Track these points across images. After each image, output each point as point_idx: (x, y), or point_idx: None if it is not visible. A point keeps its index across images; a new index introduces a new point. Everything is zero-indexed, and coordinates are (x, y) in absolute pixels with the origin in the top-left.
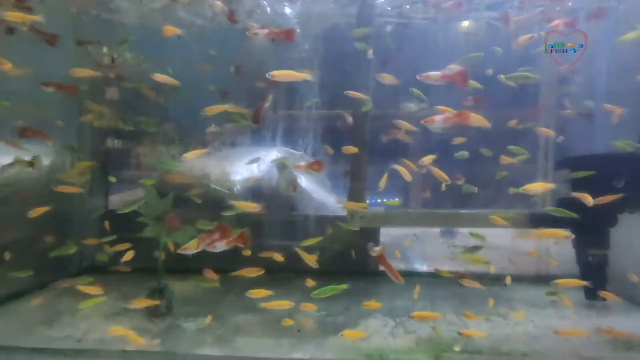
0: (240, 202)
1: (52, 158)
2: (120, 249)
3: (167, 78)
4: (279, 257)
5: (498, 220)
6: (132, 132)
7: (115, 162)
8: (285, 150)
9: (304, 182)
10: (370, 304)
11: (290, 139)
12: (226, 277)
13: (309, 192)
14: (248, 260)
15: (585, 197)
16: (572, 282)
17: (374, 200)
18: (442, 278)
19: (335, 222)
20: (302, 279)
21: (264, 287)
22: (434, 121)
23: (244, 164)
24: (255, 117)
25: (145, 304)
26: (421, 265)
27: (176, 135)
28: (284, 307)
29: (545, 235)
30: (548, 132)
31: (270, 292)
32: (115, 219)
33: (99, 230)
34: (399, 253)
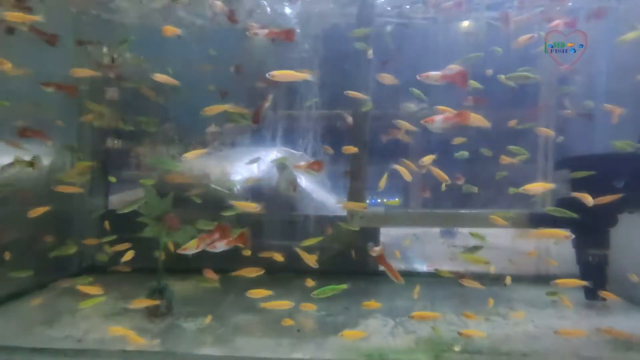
0: (241, 202)
1: (52, 158)
2: (120, 249)
3: (167, 78)
4: (279, 257)
5: (498, 220)
6: (132, 132)
7: (115, 162)
8: (285, 150)
9: (304, 182)
10: (370, 304)
11: (290, 139)
12: (226, 277)
13: (309, 192)
14: (248, 260)
15: (585, 197)
16: (572, 282)
17: (374, 200)
18: (442, 278)
19: (335, 222)
20: (302, 279)
21: (264, 287)
22: (434, 121)
23: (244, 164)
24: (256, 116)
25: (145, 304)
26: (421, 265)
27: (176, 135)
28: (284, 307)
29: (545, 235)
30: (548, 132)
31: (270, 292)
32: (115, 219)
33: (99, 230)
34: (399, 253)
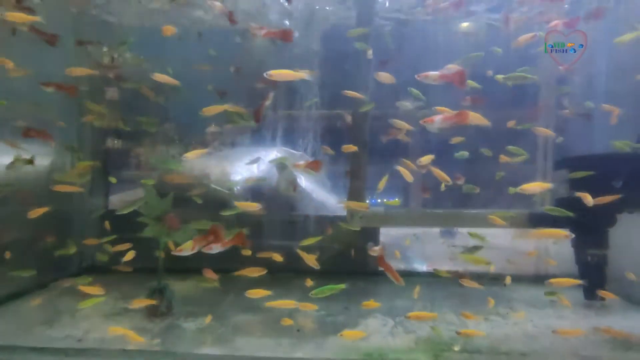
0: (241, 202)
1: (52, 158)
2: (121, 249)
3: (167, 78)
4: (279, 257)
5: (497, 220)
6: (132, 132)
7: (116, 162)
8: (285, 150)
9: (304, 182)
10: (370, 304)
11: (290, 139)
12: (226, 277)
13: (309, 192)
14: (248, 260)
15: (585, 197)
16: (567, 282)
17: (374, 200)
18: (442, 278)
19: (335, 222)
20: (301, 279)
21: (264, 287)
22: (433, 121)
23: (244, 164)
24: (256, 115)
25: (145, 303)
26: (421, 265)
27: (176, 135)
28: (289, 306)
29: (545, 235)
30: (547, 132)
31: (269, 292)
32: (115, 219)
33: (99, 230)
34: (399, 253)
